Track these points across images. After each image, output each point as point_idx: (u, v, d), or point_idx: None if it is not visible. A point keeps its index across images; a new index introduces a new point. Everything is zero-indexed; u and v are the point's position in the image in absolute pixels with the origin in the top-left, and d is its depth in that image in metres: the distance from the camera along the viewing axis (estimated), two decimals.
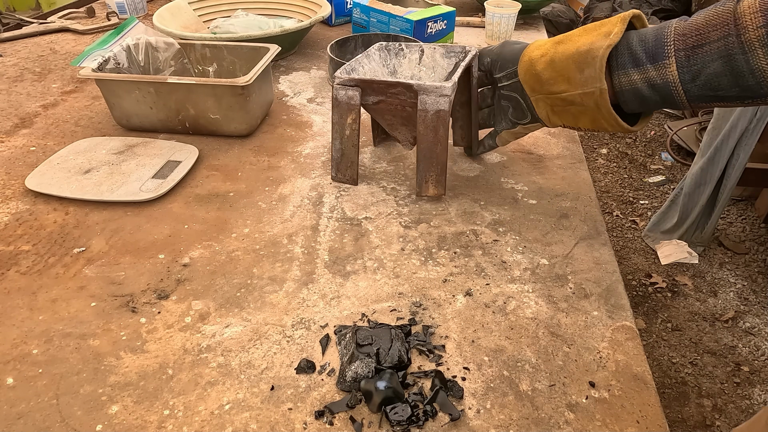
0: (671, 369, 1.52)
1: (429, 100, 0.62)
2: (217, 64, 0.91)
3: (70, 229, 0.63)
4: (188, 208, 0.67)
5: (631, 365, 0.48)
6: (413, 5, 1.32)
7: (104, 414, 0.43)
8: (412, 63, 0.75)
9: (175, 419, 0.43)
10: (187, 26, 1.14)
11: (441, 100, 0.62)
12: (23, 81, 1.02)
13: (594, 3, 3.13)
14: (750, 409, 1.39)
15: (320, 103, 0.95)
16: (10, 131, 0.84)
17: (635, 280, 1.82)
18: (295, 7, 1.25)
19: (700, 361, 1.53)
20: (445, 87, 0.61)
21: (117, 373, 0.46)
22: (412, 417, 0.42)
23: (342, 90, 0.66)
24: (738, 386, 1.45)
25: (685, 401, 1.42)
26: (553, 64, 0.58)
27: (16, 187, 0.71)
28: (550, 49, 0.59)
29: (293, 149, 0.81)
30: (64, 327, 0.51)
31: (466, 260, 0.59)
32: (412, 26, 1.08)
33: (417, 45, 0.74)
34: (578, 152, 0.82)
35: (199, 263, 0.59)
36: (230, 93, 0.77)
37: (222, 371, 0.47)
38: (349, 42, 1.02)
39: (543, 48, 0.60)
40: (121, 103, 0.80)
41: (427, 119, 0.63)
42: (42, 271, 0.57)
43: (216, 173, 0.74)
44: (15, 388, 0.45)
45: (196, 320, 0.52)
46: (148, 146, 0.77)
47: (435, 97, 0.62)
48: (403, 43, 0.75)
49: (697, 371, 1.50)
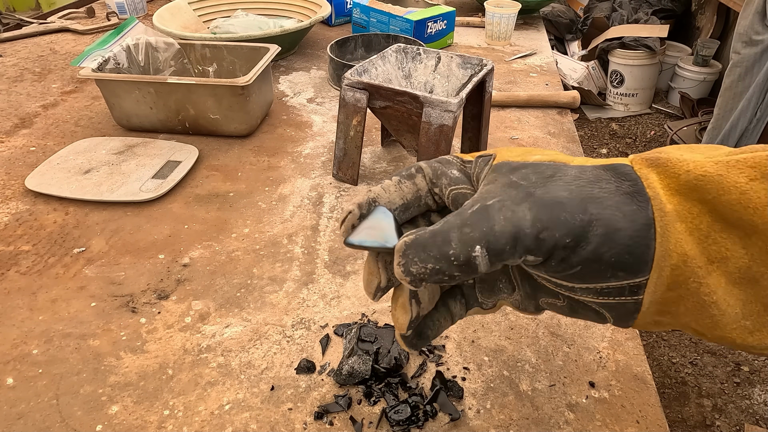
0: (671, 369, 1.52)
1: (434, 113, 0.62)
2: (217, 64, 0.91)
3: (70, 229, 0.63)
4: (188, 208, 0.67)
5: (631, 365, 0.48)
6: (413, 5, 1.32)
7: (104, 414, 0.43)
8: (428, 69, 0.74)
9: (175, 419, 0.43)
10: (187, 26, 1.14)
11: (446, 115, 0.61)
12: (23, 81, 1.02)
13: (594, 3, 3.13)
14: (750, 409, 1.39)
15: (320, 103, 0.95)
16: (10, 131, 0.84)
17: None
18: (295, 7, 1.25)
19: (700, 361, 1.53)
20: (450, 103, 0.61)
21: (117, 373, 0.46)
22: (412, 417, 0.42)
23: (350, 91, 0.66)
24: (738, 386, 1.45)
25: (685, 401, 1.42)
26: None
27: (16, 187, 0.71)
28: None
29: (293, 149, 0.81)
30: (64, 327, 0.51)
31: None
32: (412, 26, 1.08)
33: (435, 52, 0.73)
34: (578, 152, 0.82)
35: (199, 263, 0.59)
36: (230, 93, 0.77)
37: (222, 371, 0.47)
38: (349, 42, 1.02)
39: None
40: (121, 103, 0.80)
41: (430, 132, 0.63)
42: (42, 271, 0.57)
43: (216, 173, 0.74)
44: (15, 388, 0.45)
45: (196, 320, 0.52)
46: (148, 146, 0.77)
47: (440, 112, 0.61)
48: (421, 48, 0.74)
49: (697, 371, 1.50)
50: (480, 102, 0.72)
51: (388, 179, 0.32)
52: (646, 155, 0.27)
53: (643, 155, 0.27)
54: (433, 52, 0.73)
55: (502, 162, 0.30)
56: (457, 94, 0.65)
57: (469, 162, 0.32)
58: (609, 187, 0.26)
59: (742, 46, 1.78)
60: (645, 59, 2.70)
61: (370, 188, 0.32)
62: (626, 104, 2.85)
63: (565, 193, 0.26)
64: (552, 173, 0.27)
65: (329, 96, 0.98)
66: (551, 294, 0.31)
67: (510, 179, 0.28)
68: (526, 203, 0.26)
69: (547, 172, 0.28)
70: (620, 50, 2.73)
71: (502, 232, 0.25)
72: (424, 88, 0.73)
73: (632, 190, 0.26)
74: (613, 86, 2.84)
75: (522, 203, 0.26)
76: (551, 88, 1.04)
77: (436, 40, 1.15)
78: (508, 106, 0.95)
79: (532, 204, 0.26)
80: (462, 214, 0.27)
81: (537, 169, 0.28)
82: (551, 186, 0.27)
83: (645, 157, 0.27)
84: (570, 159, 0.29)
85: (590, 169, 0.27)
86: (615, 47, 2.75)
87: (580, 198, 0.26)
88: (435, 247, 0.26)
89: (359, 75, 0.67)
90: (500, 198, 0.27)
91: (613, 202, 0.26)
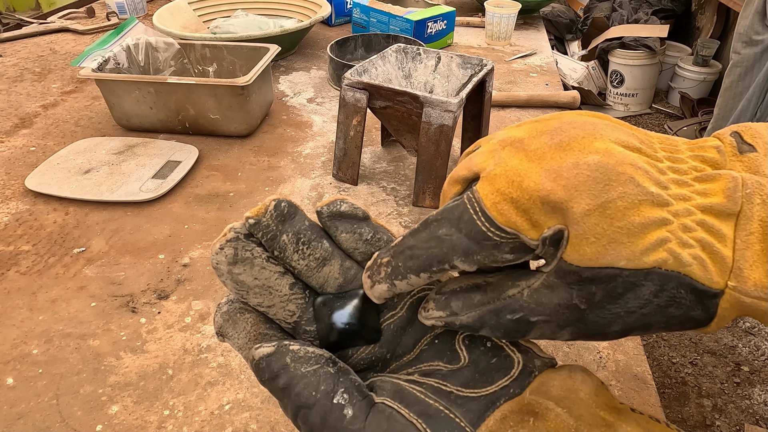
0: (671, 369, 1.52)
1: (434, 113, 0.62)
2: (217, 64, 0.91)
3: (70, 229, 0.63)
4: (188, 208, 0.67)
5: (631, 365, 0.48)
6: (413, 5, 1.32)
7: (104, 414, 0.43)
8: (428, 69, 0.74)
9: (175, 419, 0.43)
10: (187, 26, 1.14)
11: (446, 115, 0.61)
12: (23, 81, 1.02)
13: (594, 3, 3.13)
14: (750, 409, 1.39)
15: (320, 103, 0.95)
16: (10, 131, 0.84)
17: None
18: (295, 7, 1.25)
19: (700, 361, 1.53)
20: (450, 103, 0.61)
21: (117, 373, 0.46)
22: None
23: (350, 91, 0.66)
24: (738, 386, 1.45)
25: (685, 401, 1.42)
26: None
27: (16, 187, 0.71)
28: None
29: (293, 149, 0.81)
30: (64, 327, 0.51)
31: None
32: (412, 26, 1.08)
33: (435, 52, 0.73)
34: None
35: (199, 263, 0.59)
36: (230, 93, 0.77)
37: (222, 371, 0.47)
38: (349, 42, 1.02)
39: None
40: (121, 103, 0.80)
41: (430, 132, 0.63)
42: (42, 271, 0.57)
43: (216, 173, 0.74)
44: (15, 388, 0.45)
45: (196, 320, 0.52)
46: (148, 146, 0.77)
47: (440, 112, 0.61)
48: (421, 48, 0.74)
49: (697, 371, 1.50)
50: (480, 102, 0.72)
51: (414, 275, 0.26)
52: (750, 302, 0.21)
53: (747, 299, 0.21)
54: (433, 52, 0.73)
55: (572, 267, 0.23)
56: (457, 94, 0.65)
57: (533, 244, 0.24)
58: (676, 313, 0.23)
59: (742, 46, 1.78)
60: (645, 59, 2.70)
61: (393, 282, 0.26)
62: (626, 104, 2.85)
63: (616, 327, 0.23)
64: (622, 293, 0.22)
65: (329, 96, 0.98)
66: None
67: (571, 300, 0.23)
68: (570, 328, 0.24)
69: (617, 290, 0.23)
70: (620, 50, 2.73)
71: (533, 336, 0.25)
72: (424, 88, 0.73)
73: (699, 319, 0.22)
74: (613, 86, 2.84)
75: (566, 327, 0.24)
76: (551, 88, 1.04)
77: (436, 40, 1.15)
78: (508, 106, 0.95)
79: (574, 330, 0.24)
80: (500, 315, 0.25)
81: (609, 288, 0.22)
82: (608, 314, 0.23)
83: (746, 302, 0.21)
84: (664, 201, 0.22)
85: (670, 288, 0.22)
86: (615, 47, 2.75)
87: (629, 330, 0.23)
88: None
89: (359, 75, 0.67)
90: (547, 320, 0.24)
91: (666, 325, 0.23)
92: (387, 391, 0.25)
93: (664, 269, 0.22)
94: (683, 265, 0.22)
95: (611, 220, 0.21)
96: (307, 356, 0.25)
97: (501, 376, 0.25)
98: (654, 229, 0.22)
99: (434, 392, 0.25)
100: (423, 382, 0.26)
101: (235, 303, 0.28)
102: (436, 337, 0.28)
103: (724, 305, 0.22)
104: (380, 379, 0.27)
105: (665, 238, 0.22)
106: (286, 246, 0.27)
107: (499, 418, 0.23)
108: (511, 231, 0.23)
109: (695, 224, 0.22)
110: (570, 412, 0.23)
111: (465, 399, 0.25)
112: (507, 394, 0.24)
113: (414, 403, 0.24)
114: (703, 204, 0.22)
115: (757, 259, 0.21)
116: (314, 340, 0.28)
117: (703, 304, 0.22)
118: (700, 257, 0.22)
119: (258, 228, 0.27)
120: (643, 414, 0.24)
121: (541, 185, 0.22)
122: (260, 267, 0.27)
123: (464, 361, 0.26)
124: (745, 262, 0.21)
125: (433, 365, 0.27)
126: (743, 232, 0.22)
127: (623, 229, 0.21)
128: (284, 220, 0.27)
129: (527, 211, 0.23)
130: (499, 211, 0.23)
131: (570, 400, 0.23)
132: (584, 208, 0.22)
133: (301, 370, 0.25)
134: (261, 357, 0.25)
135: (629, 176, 0.22)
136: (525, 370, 0.25)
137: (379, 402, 0.25)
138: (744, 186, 0.22)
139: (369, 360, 0.28)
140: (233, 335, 0.28)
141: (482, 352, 0.27)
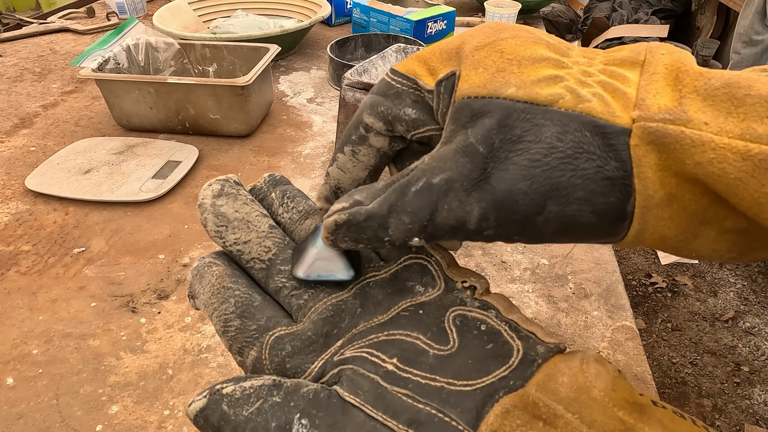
0: (671, 369, 1.52)
1: None
2: (217, 64, 0.91)
3: (70, 229, 0.63)
4: (188, 208, 0.67)
5: (631, 365, 0.48)
6: (413, 5, 1.32)
7: (104, 414, 0.43)
8: None
9: (175, 419, 0.43)
10: (187, 26, 1.14)
11: None
12: (23, 81, 1.02)
13: (594, 3, 3.13)
14: (750, 409, 1.39)
15: (320, 103, 0.95)
16: (10, 131, 0.84)
17: (635, 280, 1.82)
18: (295, 7, 1.25)
19: (700, 361, 1.53)
20: None
21: (117, 373, 0.46)
22: None
23: (350, 91, 0.66)
24: (738, 386, 1.45)
25: (685, 401, 1.42)
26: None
27: (16, 187, 0.71)
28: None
29: (293, 149, 0.81)
30: (64, 327, 0.51)
31: (466, 260, 0.59)
32: (412, 26, 1.08)
33: None
34: None
35: None
36: (230, 93, 0.77)
37: (222, 371, 0.47)
38: (349, 42, 1.02)
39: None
40: (121, 103, 0.80)
41: None
42: (42, 271, 0.57)
43: (216, 173, 0.74)
44: (15, 388, 0.45)
45: (196, 320, 0.52)
46: (148, 146, 0.77)
47: None
48: (421, 48, 0.74)
49: (697, 371, 1.50)
50: None
51: (340, 152, 0.28)
52: (656, 126, 0.20)
53: (652, 123, 0.20)
54: None
55: (463, 101, 0.23)
56: None
57: (428, 91, 0.25)
58: (588, 167, 0.21)
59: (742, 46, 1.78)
60: None
61: (327, 171, 0.29)
62: None
63: (524, 185, 0.21)
64: (521, 134, 0.21)
65: (329, 96, 0.98)
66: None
67: (467, 140, 0.22)
68: (476, 193, 0.22)
69: (515, 131, 0.21)
70: None
71: (443, 224, 0.23)
72: None
73: (616, 176, 0.20)
74: None
75: (472, 192, 0.22)
76: None
77: (436, 40, 1.15)
78: None
79: (482, 197, 0.22)
80: (405, 191, 0.23)
81: (505, 123, 0.21)
82: (512, 167, 0.21)
83: (652, 128, 0.20)
84: (561, 61, 0.22)
85: (573, 130, 0.21)
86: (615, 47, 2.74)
87: (541, 192, 0.21)
88: (370, 231, 0.24)
89: (359, 75, 0.67)
90: (449, 176, 0.22)
91: (585, 192, 0.21)
92: (364, 393, 0.22)
93: (564, 109, 0.21)
94: (582, 100, 0.21)
95: (501, 53, 0.22)
96: (245, 395, 0.22)
97: (498, 365, 0.22)
98: (548, 67, 0.22)
99: (422, 392, 0.22)
100: (407, 378, 0.23)
101: (206, 258, 0.28)
102: (421, 306, 0.25)
103: (634, 142, 0.20)
104: (351, 369, 0.23)
105: (561, 76, 0.21)
106: (273, 201, 0.30)
107: (499, 413, 0.21)
108: (411, 77, 0.25)
109: (596, 72, 0.22)
110: (582, 418, 0.20)
111: (459, 396, 0.22)
112: (506, 386, 0.21)
113: (401, 411, 0.22)
114: (605, 58, 0.23)
115: (660, 90, 0.20)
116: (287, 281, 0.27)
117: (613, 148, 0.20)
118: (600, 94, 0.21)
119: (253, 192, 0.30)
120: (667, 408, 0.21)
121: (444, 42, 0.25)
122: (243, 202, 0.28)
123: (453, 344, 0.24)
124: (648, 93, 0.20)
125: (411, 336, 0.24)
126: (647, 74, 0.21)
127: (513, 61, 0.22)
128: (275, 185, 0.31)
129: (427, 61, 0.25)
130: (404, 64, 0.26)
131: (581, 402, 0.21)
132: (475, 45, 0.23)
133: (243, 415, 0.22)
134: (195, 414, 0.22)
135: (528, 31, 0.23)
136: (526, 358, 0.22)
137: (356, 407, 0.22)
138: (648, 47, 0.22)
139: (337, 308, 0.26)
140: (199, 291, 0.27)
141: (475, 336, 0.24)
